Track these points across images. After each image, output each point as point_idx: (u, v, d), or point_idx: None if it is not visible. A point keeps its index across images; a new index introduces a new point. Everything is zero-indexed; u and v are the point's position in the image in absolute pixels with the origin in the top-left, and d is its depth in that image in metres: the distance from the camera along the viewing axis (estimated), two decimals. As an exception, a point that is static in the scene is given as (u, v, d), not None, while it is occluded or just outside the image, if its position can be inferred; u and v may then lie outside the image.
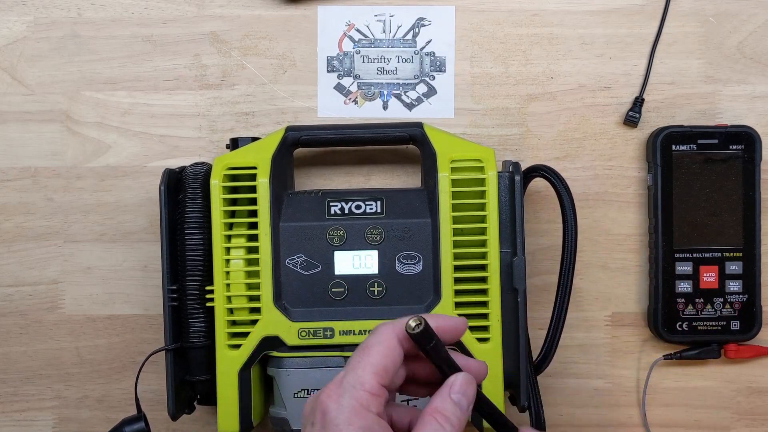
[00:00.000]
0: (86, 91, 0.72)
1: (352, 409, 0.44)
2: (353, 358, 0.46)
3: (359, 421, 0.43)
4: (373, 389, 0.44)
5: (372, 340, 0.46)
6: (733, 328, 0.69)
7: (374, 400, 0.44)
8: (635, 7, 0.71)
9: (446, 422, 0.45)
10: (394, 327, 0.46)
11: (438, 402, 0.46)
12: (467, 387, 0.46)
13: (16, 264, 0.72)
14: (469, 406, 0.47)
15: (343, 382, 0.45)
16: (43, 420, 0.72)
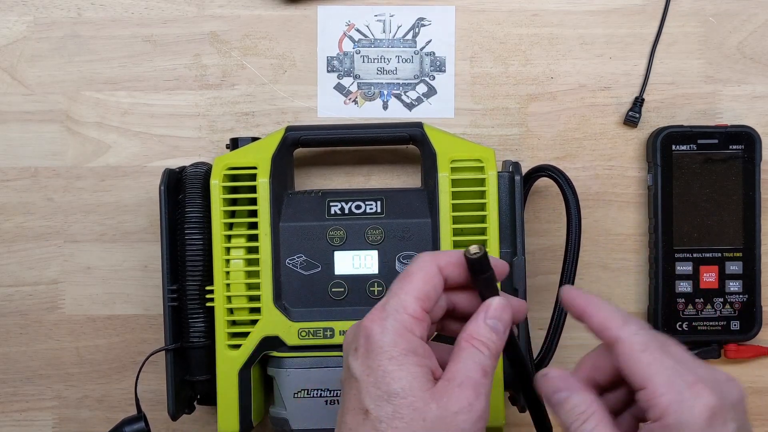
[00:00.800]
0: (86, 91, 0.72)
1: (396, 331, 0.44)
2: (394, 284, 0.46)
3: (404, 342, 0.43)
4: (416, 313, 0.44)
5: (413, 267, 0.46)
6: (733, 328, 0.69)
7: (418, 324, 0.44)
8: (635, 7, 0.71)
9: (483, 347, 0.45)
10: (435, 256, 0.46)
11: (472, 327, 0.45)
12: (502, 311, 0.46)
13: (16, 264, 0.72)
14: (505, 331, 0.46)
15: (386, 306, 0.45)
16: (43, 420, 0.72)
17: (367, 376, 0.43)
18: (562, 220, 0.71)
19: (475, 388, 0.43)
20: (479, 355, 0.44)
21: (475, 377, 0.44)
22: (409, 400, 0.42)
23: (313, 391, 0.62)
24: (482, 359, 0.44)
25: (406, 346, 0.43)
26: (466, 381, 0.43)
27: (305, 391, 0.62)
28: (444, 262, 0.46)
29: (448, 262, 0.47)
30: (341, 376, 0.47)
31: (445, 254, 0.47)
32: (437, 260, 0.46)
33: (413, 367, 0.43)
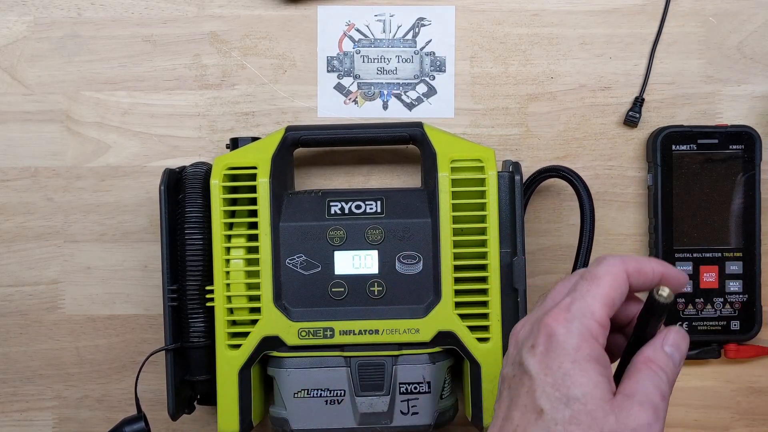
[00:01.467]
0: (86, 91, 0.72)
1: (581, 335, 0.42)
2: (581, 285, 0.44)
3: (588, 348, 0.42)
4: (602, 320, 0.43)
5: (602, 270, 0.44)
6: (733, 328, 0.69)
7: (602, 332, 0.43)
8: (635, 7, 0.71)
9: (661, 372, 0.43)
10: (624, 261, 0.45)
11: (650, 352, 0.44)
12: (681, 341, 0.45)
13: (16, 264, 0.72)
14: (681, 361, 0.45)
15: (572, 308, 0.43)
16: (43, 420, 0.72)
17: (545, 376, 0.42)
18: (562, 220, 0.71)
19: (655, 410, 0.42)
20: (658, 378, 0.43)
21: (655, 400, 0.43)
22: (589, 408, 0.41)
23: (313, 391, 0.62)
24: (661, 383, 0.43)
25: (590, 352, 0.42)
26: (646, 401, 0.42)
27: (305, 391, 0.62)
28: (632, 269, 0.45)
29: (637, 269, 0.45)
30: (505, 370, 0.46)
31: (633, 260, 0.45)
32: (626, 265, 0.45)
33: (595, 374, 0.42)
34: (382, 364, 0.62)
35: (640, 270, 0.45)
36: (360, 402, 0.62)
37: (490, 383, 0.62)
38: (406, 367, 0.62)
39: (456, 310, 0.62)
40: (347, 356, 0.62)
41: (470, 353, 0.62)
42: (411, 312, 0.62)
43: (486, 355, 0.62)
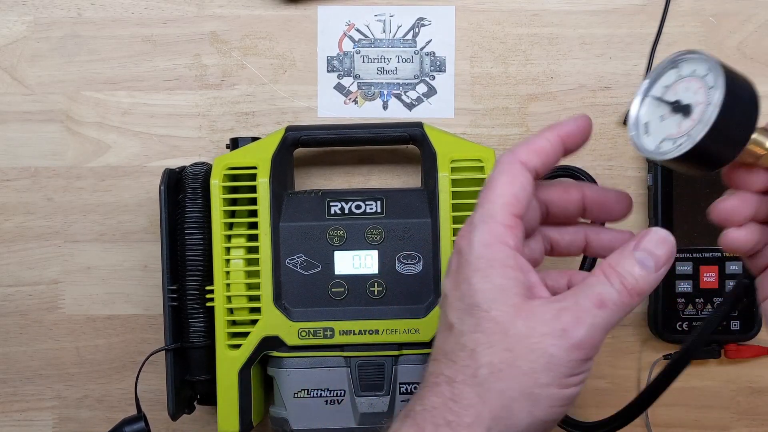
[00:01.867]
0: (86, 91, 0.72)
1: (482, 242, 0.40)
2: (480, 195, 0.42)
3: (491, 253, 0.40)
4: (505, 220, 0.40)
5: (494, 172, 0.42)
6: (733, 328, 0.69)
7: (508, 232, 0.40)
8: (635, 7, 0.71)
9: (616, 279, 0.39)
10: (514, 151, 0.42)
11: (615, 256, 0.40)
12: (659, 245, 0.41)
13: (16, 264, 0.72)
14: (659, 271, 0.40)
15: (473, 219, 0.41)
16: (43, 420, 0.72)
17: (454, 291, 0.41)
18: (562, 220, 0.71)
19: (579, 316, 0.38)
20: (606, 286, 0.39)
21: (585, 305, 0.39)
22: (493, 314, 0.39)
23: (313, 391, 0.62)
24: (607, 291, 0.39)
25: (493, 257, 0.40)
26: (571, 306, 0.39)
27: (305, 391, 0.62)
28: (525, 154, 0.42)
29: (531, 151, 0.42)
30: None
31: (522, 145, 0.42)
32: (518, 155, 0.41)
33: (499, 278, 0.39)
34: (382, 364, 0.62)
35: (535, 150, 0.42)
36: (360, 402, 0.62)
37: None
38: (406, 367, 0.62)
39: (456, 310, 0.62)
40: (347, 356, 0.62)
41: (470, 353, 0.62)
42: (411, 312, 0.62)
43: (486, 355, 0.62)
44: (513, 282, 0.40)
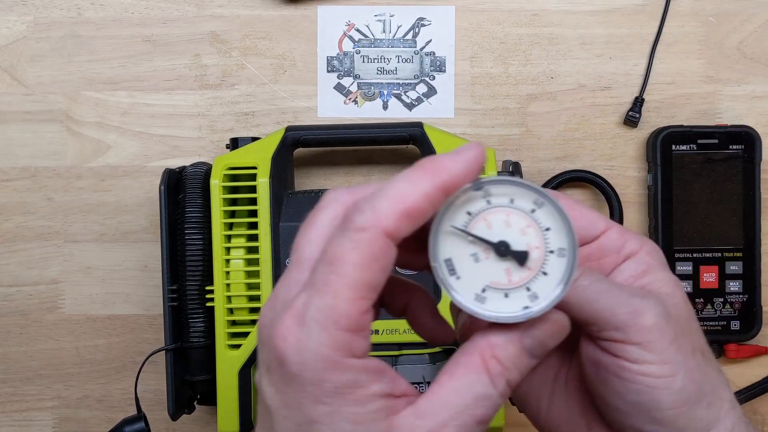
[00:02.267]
0: (86, 91, 0.72)
1: (321, 359, 0.29)
2: (319, 266, 0.30)
3: (336, 375, 0.29)
4: (351, 325, 0.29)
5: (341, 239, 0.29)
6: (733, 328, 0.69)
7: (356, 340, 0.29)
8: (635, 7, 0.71)
9: (502, 381, 0.30)
10: (377, 212, 0.29)
11: (499, 342, 0.31)
12: (559, 334, 0.32)
13: (16, 264, 0.72)
14: (542, 355, 0.31)
15: (306, 315, 0.29)
16: (43, 420, 0.72)
17: (285, 419, 0.30)
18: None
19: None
20: (486, 386, 0.30)
21: (468, 423, 0.30)
22: None
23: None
24: (487, 394, 0.30)
25: (340, 382, 0.29)
26: (449, 424, 0.30)
27: (305, 391, 0.62)
28: (395, 223, 0.29)
29: (404, 215, 0.29)
30: (256, 379, 0.32)
31: (392, 202, 0.29)
32: (381, 221, 0.29)
33: (352, 410, 0.29)
34: (382, 364, 0.62)
35: (407, 214, 0.29)
36: (360, 402, 0.62)
37: (490, 383, 0.62)
38: (406, 367, 0.62)
39: (456, 310, 0.62)
40: (347, 356, 0.62)
41: (470, 353, 0.62)
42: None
43: (486, 355, 0.62)
44: (371, 407, 0.30)
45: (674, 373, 0.33)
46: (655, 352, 0.32)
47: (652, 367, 0.33)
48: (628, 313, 0.33)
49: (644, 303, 0.33)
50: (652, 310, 0.33)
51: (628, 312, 0.33)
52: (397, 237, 0.29)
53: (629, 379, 0.33)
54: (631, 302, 0.33)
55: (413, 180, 0.29)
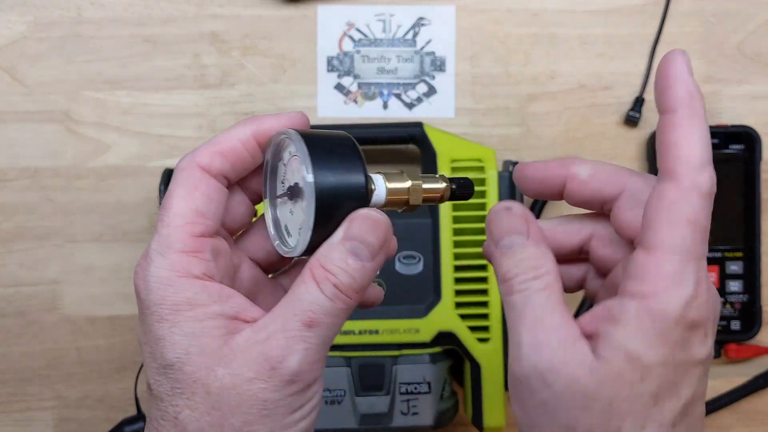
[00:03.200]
0: (86, 91, 0.71)
1: (162, 281, 0.33)
2: (158, 216, 0.35)
3: (174, 293, 0.33)
4: (186, 246, 0.33)
5: (171, 184, 0.35)
6: (733, 328, 0.69)
7: (192, 261, 0.33)
8: (635, 7, 0.71)
9: (328, 284, 0.33)
10: (194, 153, 0.35)
11: (324, 251, 0.33)
12: (369, 228, 0.33)
13: (16, 264, 0.72)
14: (376, 259, 0.34)
15: (150, 251, 0.34)
16: (43, 420, 0.72)
17: (145, 346, 0.34)
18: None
19: (288, 344, 0.32)
20: (316, 294, 0.32)
21: (294, 327, 0.32)
22: (188, 371, 0.32)
23: (313, 391, 0.62)
24: (318, 303, 0.32)
25: (177, 299, 0.33)
26: (278, 332, 0.32)
27: (305, 391, 0.62)
28: (208, 158, 0.35)
29: (216, 153, 0.35)
30: None
31: (208, 145, 0.35)
32: (196, 158, 0.35)
33: (189, 324, 0.32)
34: (382, 365, 0.62)
35: (220, 152, 0.35)
36: (360, 402, 0.62)
37: (491, 383, 0.62)
38: (406, 368, 0.62)
39: (456, 310, 0.62)
40: (347, 356, 0.62)
41: (470, 353, 0.62)
42: (411, 312, 0.62)
43: (486, 356, 0.62)
44: (208, 324, 0.33)
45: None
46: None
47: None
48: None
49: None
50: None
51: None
52: (212, 170, 0.35)
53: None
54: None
55: (230, 130, 0.35)
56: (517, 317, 0.34)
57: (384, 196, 0.36)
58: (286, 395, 0.32)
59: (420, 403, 0.62)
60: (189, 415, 0.32)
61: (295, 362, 0.32)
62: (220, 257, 0.35)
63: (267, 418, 0.32)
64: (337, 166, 0.33)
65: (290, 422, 0.33)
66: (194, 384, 0.32)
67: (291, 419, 0.33)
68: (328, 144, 0.34)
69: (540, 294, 0.34)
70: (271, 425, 0.32)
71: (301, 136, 0.34)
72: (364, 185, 0.34)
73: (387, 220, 0.34)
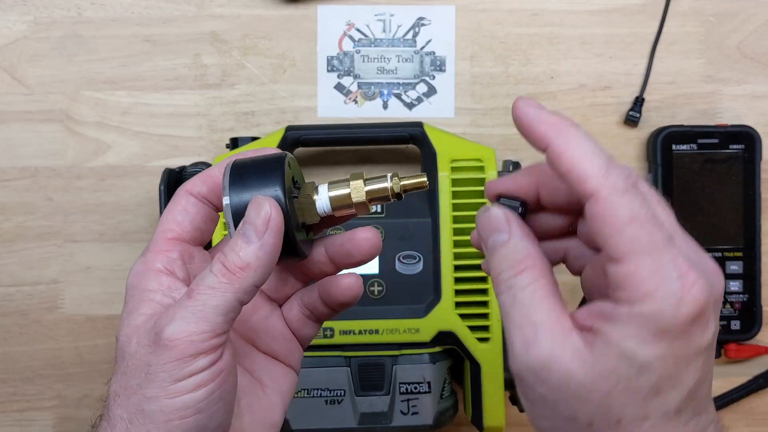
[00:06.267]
0: (86, 91, 0.71)
1: (135, 273, 0.40)
2: None
3: (138, 283, 0.39)
4: (158, 247, 0.39)
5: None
6: (733, 328, 0.69)
7: (158, 257, 0.39)
8: (635, 6, 0.71)
9: (217, 262, 0.36)
10: (185, 184, 0.41)
11: (223, 241, 0.38)
12: (259, 211, 0.36)
13: (16, 264, 0.72)
14: (264, 239, 0.36)
15: (144, 252, 0.41)
16: (43, 420, 0.72)
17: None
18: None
19: (170, 313, 0.36)
20: (206, 272, 0.36)
21: (181, 299, 0.36)
22: (120, 343, 0.37)
23: (313, 391, 0.62)
24: (203, 276, 0.36)
25: (140, 286, 0.39)
26: (171, 307, 0.36)
27: (305, 391, 0.62)
28: (191, 185, 0.40)
29: (199, 180, 0.40)
30: None
31: (197, 176, 0.41)
32: (185, 186, 0.40)
33: (131, 304, 0.38)
34: (382, 364, 0.62)
35: (201, 179, 0.41)
36: (360, 402, 0.62)
37: (491, 383, 0.62)
38: (406, 367, 0.62)
39: (456, 310, 0.62)
40: (347, 356, 0.62)
41: (470, 353, 0.62)
42: (411, 312, 0.62)
43: (486, 355, 0.62)
44: (145, 305, 0.38)
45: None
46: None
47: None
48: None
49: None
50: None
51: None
52: (193, 191, 0.40)
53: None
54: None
55: (218, 165, 0.40)
56: (507, 315, 0.35)
57: (328, 203, 0.39)
58: (165, 362, 0.35)
59: (420, 403, 0.62)
60: (113, 381, 0.37)
61: (171, 329, 0.35)
62: (193, 261, 0.40)
63: (152, 383, 0.35)
64: (252, 184, 0.37)
65: (172, 391, 0.35)
66: (121, 353, 0.37)
67: (173, 389, 0.35)
68: (251, 167, 0.38)
69: (525, 291, 0.34)
70: (155, 390, 0.35)
71: (231, 165, 0.38)
72: (278, 193, 0.37)
73: (271, 202, 0.36)
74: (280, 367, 0.44)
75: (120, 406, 0.36)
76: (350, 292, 0.42)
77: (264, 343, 0.43)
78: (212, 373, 0.35)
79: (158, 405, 0.35)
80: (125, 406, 0.36)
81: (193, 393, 0.35)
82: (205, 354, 0.35)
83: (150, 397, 0.35)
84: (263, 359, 0.43)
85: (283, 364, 0.44)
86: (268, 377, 0.43)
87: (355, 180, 0.39)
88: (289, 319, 0.44)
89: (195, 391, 0.35)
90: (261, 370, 0.43)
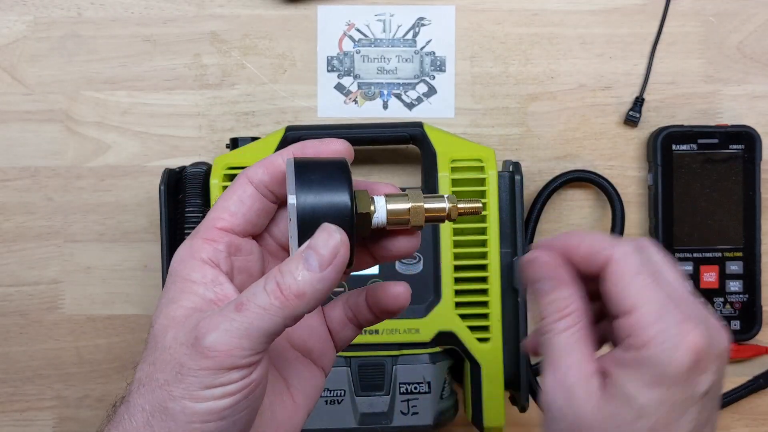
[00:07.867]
0: (86, 91, 0.71)
1: (179, 259, 0.38)
2: None
3: (182, 269, 0.37)
4: (206, 235, 0.37)
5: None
6: (733, 328, 0.69)
7: (205, 247, 0.37)
8: (635, 6, 0.71)
9: (272, 281, 0.34)
10: (247, 168, 0.39)
11: (289, 258, 0.35)
12: (328, 242, 0.34)
13: (16, 264, 0.72)
14: (325, 271, 0.34)
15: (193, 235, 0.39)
16: (43, 420, 0.72)
17: None
18: (562, 220, 0.71)
19: (215, 321, 0.34)
20: (258, 287, 0.34)
21: (226, 309, 0.34)
22: (155, 330, 0.37)
23: (313, 391, 0.62)
24: (255, 293, 0.34)
25: (182, 273, 0.37)
26: (215, 313, 0.35)
27: (305, 391, 0.62)
28: (253, 170, 0.38)
29: (260, 166, 0.39)
30: None
31: (259, 162, 0.39)
32: (246, 171, 0.39)
33: (171, 294, 0.37)
34: (382, 364, 0.62)
35: (263, 165, 0.38)
36: (360, 402, 0.62)
37: (491, 383, 0.62)
38: (406, 367, 0.62)
39: (456, 310, 0.62)
40: (347, 356, 0.62)
41: (470, 353, 0.62)
42: (411, 312, 0.62)
43: (486, 355, 0.62)
44: (185, 297, 0.36)
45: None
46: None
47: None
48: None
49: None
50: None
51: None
52: (254, 180, 0.38)
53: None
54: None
55: (280, 152, 0.39)
56: (545, 355, 0.39)
57: (385, 217, 0.38)
58: (199, 368, 0.34)
59: (420, 403, 0.62)
60: (139, 367, 0.38)
61: (213, 338, 0.34)
62: (239, 254, 0.38)
63: (180, 383, 0.35)
64: (320, 189, 0.36)
65: (199, 397, 0.34)
66: (153, 342, 0.36)
67: (201, 395, 0.34)
68: (318, 169, 0.36)
69: (561, 335, 0.39)
70: (182, 391, 0.34)
71: (295, 163, 0.36)
72: (348, 206, 0.36)
73: (343, 236, 0.35)
74: (309, 366, 0.42)
75: (142, 396, 0.36)
76: (398, 301, 0.41)
77: (298, 337, 0.42)
78: (243, 385, 0.35)
79: (182, 406, 0.35)
80: (148, 398, 0.36)
81: (219, 401, 0.35)
82: (240, 368, 0.34)
83: (176, 396, 0.35)
84: (294, 356, 0.42)
85: (313, 365, 0.42)
86: (296, 377, 0.42)
87: (414, 195, 0.38)
88: (330, 318, 0.43)
89: (222, 399, 0.35)
90: (290, 368, 0.42)
